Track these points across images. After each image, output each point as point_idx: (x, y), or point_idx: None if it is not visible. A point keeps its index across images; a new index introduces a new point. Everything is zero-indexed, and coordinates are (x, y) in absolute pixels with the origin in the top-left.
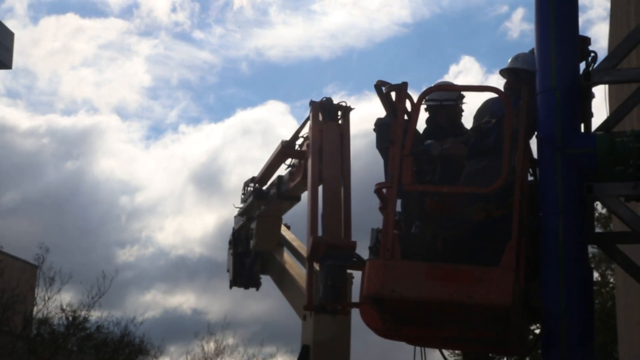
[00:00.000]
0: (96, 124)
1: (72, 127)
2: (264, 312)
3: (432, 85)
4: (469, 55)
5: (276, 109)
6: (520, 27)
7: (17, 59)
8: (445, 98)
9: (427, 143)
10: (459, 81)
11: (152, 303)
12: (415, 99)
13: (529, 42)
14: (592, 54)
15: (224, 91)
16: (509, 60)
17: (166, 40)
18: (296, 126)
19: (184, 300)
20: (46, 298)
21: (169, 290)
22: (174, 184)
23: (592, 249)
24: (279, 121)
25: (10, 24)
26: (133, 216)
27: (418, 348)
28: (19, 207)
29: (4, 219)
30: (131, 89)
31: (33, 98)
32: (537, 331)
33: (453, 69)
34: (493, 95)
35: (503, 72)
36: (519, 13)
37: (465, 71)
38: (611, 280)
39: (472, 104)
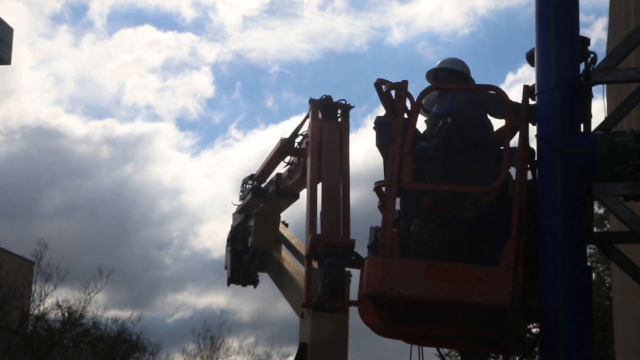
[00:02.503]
0: (152, 131)
1: (129, 133)
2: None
3: (431, 84)
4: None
5: None
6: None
7: (85, 70)
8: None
9: (423, 144)
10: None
11: (183, 304)
12: (414, 98)
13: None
14: (592, 55)
15: (281, 96)
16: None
17: (233, 50)
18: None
19: (214, 301)
20: (43, 294)
21: (201, 292)
22: (218, 189)
23: (589, 249)
24: None
25: (88, 38)
26: (173, 219)
27: (415, 347)
28: (65, 209)
29: (51, 219)
30: (194, 97)
31: (95, 105)
32: (535, 330)
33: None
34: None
35: (427, 77)
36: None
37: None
38: (607, 280)
39: None
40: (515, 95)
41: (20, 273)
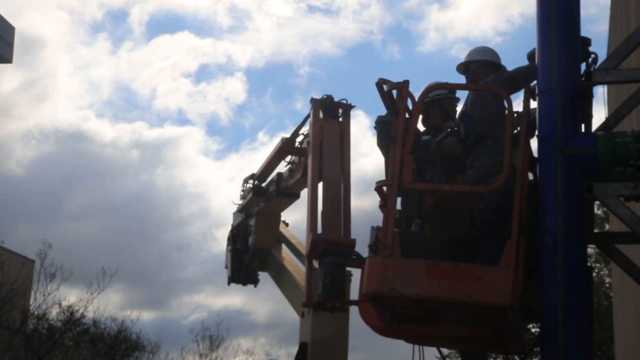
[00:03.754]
0: (180, 135)
1: (157, 137)
2: None
3: (432, 83)
4: None
5: (361, 121)
6: None
7: (120, 76)
8: (436, 93)
9: (425, 138)
10: None
11: (199, 305)
12: (416, 97)
13: None
14: (593, 55)
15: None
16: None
17: (266, 56)
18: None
19: (231, 302)
20: (46, 293)
21: (218, 293)
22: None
23: (589, 249)
24: (360, 133)
25: (126, 45)
26: (193, 222)
27: (416, 346)
28: (88, 211)
29: (74, 220)
30: (225, 102)
31: (126, 109)
32: (535, 330)
33: None
34: None
35: (458, 70)
36: None
37: None
38: (607, 280)
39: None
40: None
41: (23, 272)
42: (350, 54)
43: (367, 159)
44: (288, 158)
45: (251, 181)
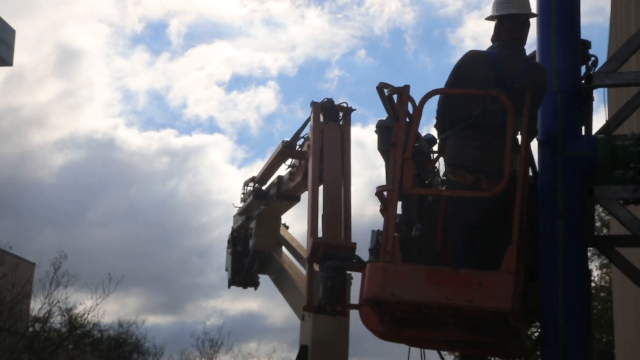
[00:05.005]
0: (208, 143)
1: (185, 145)
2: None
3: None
4: None
5: None
6: None
7: (155, 85)
8: None
9: (419, 141)
10: None
11: (216, 310)
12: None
13: None
14: (593, 58)
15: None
16: (498, 5)
17: (299, 65)
18: None
19: (247, 307)
20: (51, 299)
21: (235, 299)
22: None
23: (589, 253)
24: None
25: (164, 57)
26: (214, 229)
27: (415, 349)
28: (112, 217)
29: (97, 226)
30: (256, 111)
31: (159, 117)
32: (536, 334)
33: None
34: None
35: (496, 19)
36: None
37: None
38: (607, 283)
39: None
40: None
41: (28, 277)
42: (384, 62)
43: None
44: (289, 161)
45: (252, 184)
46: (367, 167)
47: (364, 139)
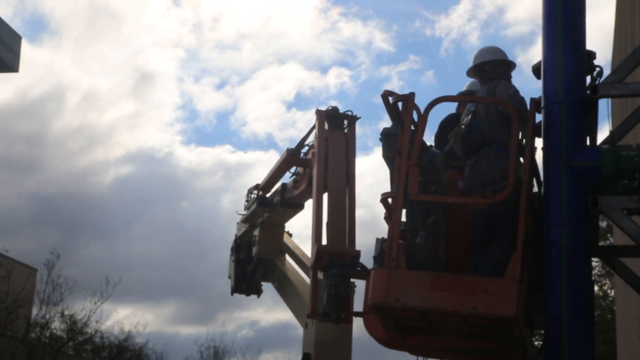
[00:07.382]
0: (260, 160)
1: (237, 162)
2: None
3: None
4: None
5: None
6: None
7: (220, 106)
8: None
9: (431, 152)
10: None
11: (249, 321)
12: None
13: None
14: (598, 69)
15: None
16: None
17: (360, 85)
18: None
19: (281, 317)
20: (49, 303)
21: (269, 310)
22: (304, 215)
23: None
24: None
25: (234, 79)
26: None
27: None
28: (155, 230)
29: (141, 238)
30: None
31: (215, 134)
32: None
33: None
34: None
35: (470, 73)
36: None
37: None
38: (611, 293)
39: None
40: None
41: (28, 282)
42: (447, 85)
43: None
44: (293, 169)
45: (255, 192)
46: None
47: None
